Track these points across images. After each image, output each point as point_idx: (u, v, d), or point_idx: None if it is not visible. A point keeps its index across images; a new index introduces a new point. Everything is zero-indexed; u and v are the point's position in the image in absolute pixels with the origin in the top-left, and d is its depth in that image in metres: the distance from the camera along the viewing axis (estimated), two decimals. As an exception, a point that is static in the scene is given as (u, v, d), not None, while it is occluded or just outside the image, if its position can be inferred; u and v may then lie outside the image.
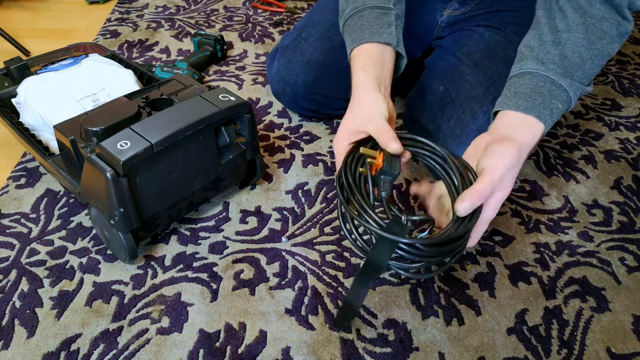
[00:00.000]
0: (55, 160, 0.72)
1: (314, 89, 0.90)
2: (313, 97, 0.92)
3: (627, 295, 0.67)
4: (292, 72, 0.90)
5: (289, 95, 0.93)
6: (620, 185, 0.84)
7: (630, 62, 1.19)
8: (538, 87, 0.60)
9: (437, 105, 0.79)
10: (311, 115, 0.97)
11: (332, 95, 0.91)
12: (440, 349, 0.60)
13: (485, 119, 0.74)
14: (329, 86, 0.90)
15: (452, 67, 0.80)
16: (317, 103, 0.93)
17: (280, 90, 0.94)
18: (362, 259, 0.71)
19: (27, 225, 0.75)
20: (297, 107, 0.96)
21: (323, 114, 0.96)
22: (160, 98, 0.74)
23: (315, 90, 0.90)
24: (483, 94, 0.76)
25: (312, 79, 0.89)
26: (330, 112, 0.96)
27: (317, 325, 0.62)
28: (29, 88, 0.78)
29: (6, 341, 0.60)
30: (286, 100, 0.96)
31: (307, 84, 0.90)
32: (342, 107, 0.90)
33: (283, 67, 0.91)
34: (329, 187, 0.83)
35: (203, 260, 0.70)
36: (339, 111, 0.94)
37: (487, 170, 0.55)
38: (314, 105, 0.94)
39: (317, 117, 0.98)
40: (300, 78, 0.90)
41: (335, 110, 0.95)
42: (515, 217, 0.78)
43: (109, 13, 1.38)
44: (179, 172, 0.66)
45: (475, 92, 0.76)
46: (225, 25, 1.32)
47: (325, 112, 0.96)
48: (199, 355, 0.59)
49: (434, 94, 0.80)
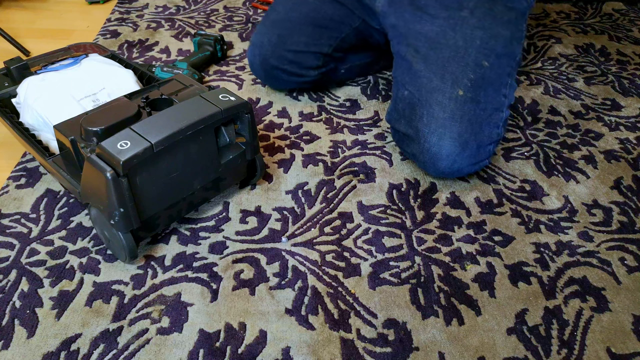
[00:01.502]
0: (55, 160, 0.72)
1: (281, 46, 0.95)
2: (282, 55, 0.96)
3: (627, 295, 0.67)
4: (259, 35, 0.98)
5: (259, 57, 0.97)
6: (620, 185, 0.84)
7: (630, 62, 1.19)
8: None
9: (409, 110, 0.81)
10: (287, 78, 0.99)
11: (301, 49, 0.95)
12: (440, 348, 0.60)
13: (452, 104, 0.76)
14: (295, 40, 0.95)
15: (407, 70, 0.83)
16: (289, 62, 0.96)
17: (251, 57, 0.99)
18: (362, 259, 0.71)
19: (27, 225, 0.75)
20: (269, 69, 0.98)
21: (297, 74, 0.98)
22: (160, 98, 0.74)
23: (283, 47, 0.95)
24: (441, 82, 0.78)
25: (277, 35, 0.95)
26: (303, 72, 0.98)
27: (317, 325, 0.62)
28: (29, 88, 0.78)
29: (6, 341, 0.60)
30: (257, 64, 0.99)
31: (272, 42, 0.96)
32: (314, 64, 0.96)
33: (254, 37, 0.99)
34: (329, 187, 0.83)
35: (203, 260, 0.70)
36: (311, 71, 0.98)
37: None
38: (286, 65, 0.97)
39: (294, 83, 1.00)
40: (265, 38, 0.96)
41: (308, 69, 0.97)
42: (515, 217, 0.78)
43: (109, 13, 1.38)
44: (179, 172, 0.66)
45: (433, 83, 0.78)
46: (225, 25, 1.32)
47: (298, 72, 0.98)
48: (199, 355, 0.59)
49: (402, 100, 0.82)
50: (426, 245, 0.73)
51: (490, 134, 0.79)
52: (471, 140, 0.76)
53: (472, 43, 0.80)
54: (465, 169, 0.79)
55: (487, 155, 0.80)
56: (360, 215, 0.78)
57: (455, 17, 0.81)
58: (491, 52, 0.80)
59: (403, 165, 0.87)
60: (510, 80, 0.83)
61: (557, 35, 1.30)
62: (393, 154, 0.90)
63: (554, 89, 1.09)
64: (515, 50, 0.84)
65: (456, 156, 0.76)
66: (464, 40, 0.79)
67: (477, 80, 0.78)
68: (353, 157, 0.89)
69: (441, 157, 0.77)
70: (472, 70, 0.78)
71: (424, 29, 0.84)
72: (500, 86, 0.81)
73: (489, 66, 0.79)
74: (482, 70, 0.79)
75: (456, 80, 0.77)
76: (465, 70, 0.78)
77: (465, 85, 0.77)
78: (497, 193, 0.82)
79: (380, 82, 1.09)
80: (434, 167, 0.79)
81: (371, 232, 0.75)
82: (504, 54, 0.81)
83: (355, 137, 0.93)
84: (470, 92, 0.77)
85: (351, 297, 0.66)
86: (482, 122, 0.78)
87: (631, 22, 1.38)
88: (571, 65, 1.17)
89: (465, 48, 0.79)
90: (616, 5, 1.47)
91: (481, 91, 0.78)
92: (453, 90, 0.77)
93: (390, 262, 0.70)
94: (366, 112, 1.00)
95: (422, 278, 0.68)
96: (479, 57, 0.79)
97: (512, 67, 0.83)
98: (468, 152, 0.77)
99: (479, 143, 0.77)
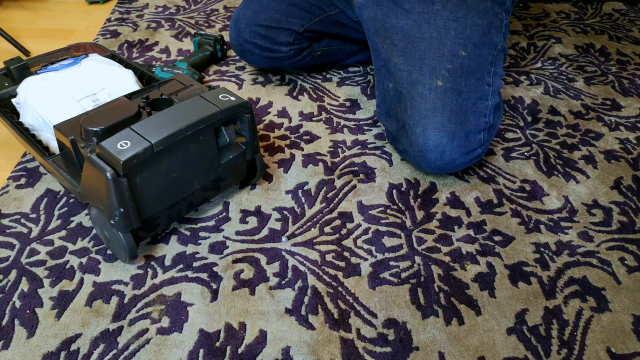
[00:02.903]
0: (55, 160, 0.72)
1: (254, 21, 0.99)
2: (255, 30, 1.00)
3: (627, 295, 0.67)
4: (237, 11, 1.03)
5: (234, 30, 1.02)
6: (620, 185, 0.84)
7: (630, 62, 1.19)
8: None
9: (394, 102, 0.82)
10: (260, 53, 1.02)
11: (272, 25, 0.99)
12: (440, 348, 0.60)
13: (433, 95, 0.78)
14: (267, 16, 0.99)
15: (387, 63, 0.85)
16: (261, 36, 1.00)
17: (230, 32, 1.04)
18: (362, 259, 0.71)
19: (27, 225, 0.75)
20: (243, 42, 1.02)
21: (269, 49, 1.01)
22: (160, 98, 0.74)
23: (256, 22, 0.99)
24: (419, 74, 0.79)
25: (251, 10, 1.00)
26: (274, 47, 1.01)
27: (317, 325, 0.62)
28: (29, 88, 0.78)
29: (6, 341, 0.60)
30: (233, 38, 1.03)
31: (247, 16, 1.00)
32: (285, 40, 1.00)
33: (234, 15, 1.04)
34: (329, 187, 0.83)
35: (203, 260, 0.70)
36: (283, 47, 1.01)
37: None
38: (258, 39, 1.00)
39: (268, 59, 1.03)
40: (241, 12, 1.02)
41: (279, 44, 1.00)
42: (515, 217, 0.78)
43: (109, 13, 1.38)
44: (179, 172, 0.66)
45: (413, 76, 0.80)
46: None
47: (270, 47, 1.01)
48: (199, 355, 0.59)
49: (387, 93, 0.84)
50: (426, 245, 0.73)
51: (477, 122, 0.79)
52: (458, 129, 0.77)
53: (447, 34, 0.81)
54: (457, 159, 0.78)
55: (478, 144, 0.80)
56: (360, 215, 0.78)
57: (429, 11, 0.83)
58: (468, 42, 0.81)
59: (403, 165, 0.87)
60: (493, 69, 0.83)
61: (557, 35, 1.30)
62: (393, 153, 0.90)
63: (554, 89, 1.09)
64: (494, 38, 0.84)
65: (444, 146, 0.77)
66: (438, 32, 0.81)
67: (455, 70, 0.79)
68: (353, 157, 0.89)
69: (428, 148, 0.77)
70: (449, 61, 0.79)
71: (399, 23, 0.85)
72: (482, 75, 0.81)
73: (467, 55, 0.80)
74: (460, 60, 0.80)
75: (433, 71, 0.79)
76: (441, 61, 0.79)
77: (443, 76, 0.78)
78: (497, 193, 0.82)
79: (380, 82, 1.09)
80: (425, 161, 0.79)
81: (371, 232, 0.75)
82: (482, 42, 0.82)
83: (355, 137, 0.93)
84: (449, 82, 0.78)
85: (351, 297, 0.66)
86: (467, 111, 0.78)
87: (631, 22, 1.38)
88: (571, 65, 1.17)
89: (440, 39, 0.80)
90: (616, 5, 1.47)
91: (462, 80, 0.79)
92: (432, 82, 0.78)
93: (390, 262, 0.70)
94: (366, 112, 1.00)
95: (422, 278, 0.68)
96: (454, 47, 0.80)
97: (494, 56, 0.83)
98: (457, 141, 0.77)
99: (467, 132, 0.78)
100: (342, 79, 1.10)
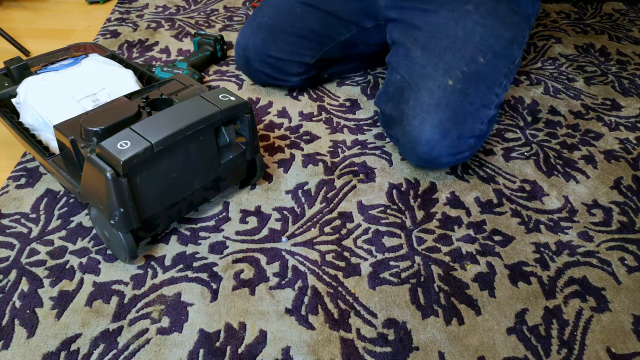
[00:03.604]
0: (55, 160, 0.72)
1: (263, 51, 0.98)
2: (265, 60, 0.99)
3: (627, 295, 0.67)
4: (244, 37, 0.99)
5: (242, 58, 1.01)
6: (620, 185, 0.84)
7: (630, 62, 1.19)
8: None
9: (398, 93, 0.82)
10: (269, 81, 1.03)
11: (282, 57, 0.97)
12: (440, 348, 0.60)
13: (441, 93, 0.78)
14: (278, 47, 0.97)
15: (404, 56, 0.85)
16: (270, 66, 0.99)
17: (237, 56, 1.02)
18: (362, 259, 0.71)
19: (27, 225, 0.75)
20: (252, 70, 1.02)
21: (279, 79, 1.01)
22: (160, 98, 0.74)
23: (265, 52, 0.98)
24: (433, 70, 0.79)
25: (261, 40, 0.97)
26: (284, 77, 1.01)
27: (317, 325, 0.62)
28: (29, 88, 0.78)
29: (6, 341, 0.60)
30: (241, 64, 1.03)
31: (256, 45, 0.98)
32: (295, 71, 0.99)
33: (240, 35, 1.01)
34: (329, 187, 0.83)
35: (203, 260, 0.70)
36: (292, 77, 1.01)
37: None
38: (267, 69, 1.00)
39: (276, 84, 1.03)
40: (250, 40, 0.98)
41: (289, 75, 1.00)
42: (515, 217, 0.78)
43: (109, 13, 1.38)
44: (179, 172, 0.66)
45: (426, 70, 0.80)
46: (225, 25, 1.32)
47: (280, 77, 1.01)
48: (199, 355, 0.59)
49: (393, 84, 0.84)
50: (426, 245, 0.73)
51: (473, 127, 0.79)
52: (452, 129, 0.77)
53: (472, 38, 0.81)
54: (443, 157, 0.79)
55: (467, 147, 0.80)
56: (360, 215, 0.78)
57: (459, 10, 0.83)
58: (489, 50, 0.81)
59: (403, 165, 0.87)
60: (505, 82, 0.83)
61: (557, 35, 1.30)
62: (393, 153, 0.90)
63: (554, 89, 1.09)
64: (514, 52, 0.84)
65: (435, 142, 0.77)
66: (464, 33, 0.81)
67: (469, 73, 0.79)
68: (353, 157, 0.89)
69: (420, 141, 0.78)
70: (466, 63, 0.79)
71: (428, 20, 0.85)
72: (493, 84, 0.82)
73: (485, 63, 0.80)
74: (477, 65, 0.80)
75: (448, 69, 0.79)
76: (459, 62, 0.79)
77: (456, 76, 0.78)
78: (497, 193, 0.82)
79: (380, 82, 1.09)
80: (414, 152, 0.80)
81: (371, 232, 0.75)
82: (502, 54, 0.82)
83: (355, 137, 0.93)
84: (460, 83, 0.78)
85: (351, 296, 0.66)
86: (467, 115, 0.79)
87: (631, 22, 1.38)
88: (571, 65, 1.17)
89: (464, 41, 0.80)
90: (616, 5, 1.47)
91: (472, 85, 0.79)
92: (443, 79, 0.78)
93: (390, 262, 0.70)
94: (366, 112, 1.00)
95: (422, 278, 0.68)
96: (475, 52, 0.80)
97: (509, 69, 0.84)
98: (448, 140, 0.77)
99: (460, 134, 0.78)
100: (342, 79, 1.10)
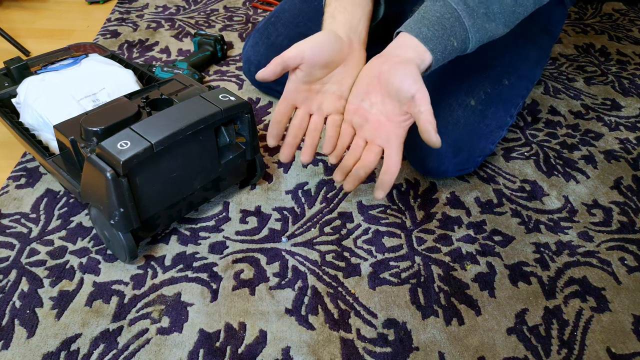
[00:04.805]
0: (55, 160, 0.72)
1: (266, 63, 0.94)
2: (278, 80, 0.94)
3: (627, 295, 0.67)
4: (257, 53, 0.95)
5: (254, 74, 0.97)
6: (620, 185, 0.84)
7: (630, 62, 1.19)
8: (444, 18, 0.60)
9: None
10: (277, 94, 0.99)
11: None
12: (440, 348, 0.60)
13: (460, 112, 0.76)
14: None
15: None
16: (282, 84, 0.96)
17: (247, 69, 0.99)
18: (362, 259, 0.71)
19: (27, 225, 0.75)
20: (262, 85, 1.00)
21: None
22: (160, 98, 0.74)
23: None
24: (457, 87, 0.78)
25: (261, 54, 0.94)
26: None
27: (317, 325, 0.62)
28: (29, 88, 0.78)
29: (6, 341, 0.60)
30: (250, 77, 1.00)
31: (258, 59, 0.94)
32: None
33: (250, 48, 0.96)
34: (329, 187, 0.83)
35: (203, 260, 0.70)
36: None
37: None
38: (279, 87, 0.96)
39: None
40: (264, 59, 0.93)
41: None
42: (515, 217, 0.78)
43: (109, 13, 1.38)
44: (179, 172, 0.66)
45: (449, 87, 0.78)
46: (225, 25, 1.32)
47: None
48: (199, 355, 0.59)
49: None
50: (426, 245, 0.73)
51: (484, 148, 0.80)
52: (465, 149, 0.77)
53: (500, 60, 0.79)
54: (449, 173, 0.80)
55: (473, 165, 0.81)
56: (360, 215, 0.78)
57: None
58: (514, 72, 0.79)
59: (403, 165, 0.87)
60: (521, 102, 0.83)
61: (557, 35, 1.30)
62: (393, 154, 0.90)
63: (554, 89, 1.09)
64: (537, 73, 0.83)
65: (445, 158, 0.77)
66: (493, 52, 0.77)
67: (492, 95, 0.78)
68: (353, 157, 0.89)
69: (431, 154, 0.77)
70: (491, 85, 0.78)
71: None
72: (510, 106, 0.81)
73: (509, 85, 0.79)
74: (500, 88, 0.78)
75: (472, 90, 0.77)
76: (484, 83, 0.78)
77: (479, 97, 0.77)
78: (497, 193, 0.82)
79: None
80: (422, 165, 0.80)
81: (371, 232, 0.75)
82: (525, 76, 0.81)
83: (355, 137, 0.93)
84: (481, 104, 0.77)
85: (351, 297, 0.66)
86: (482, 136, 0.78)
87: (631, 22, 1.38)
88: (571, 65, 1.17)
89: (492, 61, 0.78)
90: (616, 5, 1.47)
91: (492, 107, 0.78)
92: (466, 99, 0.77)
93: (390, 262, 0.70)
94: (366, 112, 1.00)
95: (422, 278, 0.68)
96: (502, 74, 0.78)
97: (528, 89, 0.83)
98: (458, 159, 0.77)
99: (471, 154, 0.78)
100: (342, 79, 1.10)
